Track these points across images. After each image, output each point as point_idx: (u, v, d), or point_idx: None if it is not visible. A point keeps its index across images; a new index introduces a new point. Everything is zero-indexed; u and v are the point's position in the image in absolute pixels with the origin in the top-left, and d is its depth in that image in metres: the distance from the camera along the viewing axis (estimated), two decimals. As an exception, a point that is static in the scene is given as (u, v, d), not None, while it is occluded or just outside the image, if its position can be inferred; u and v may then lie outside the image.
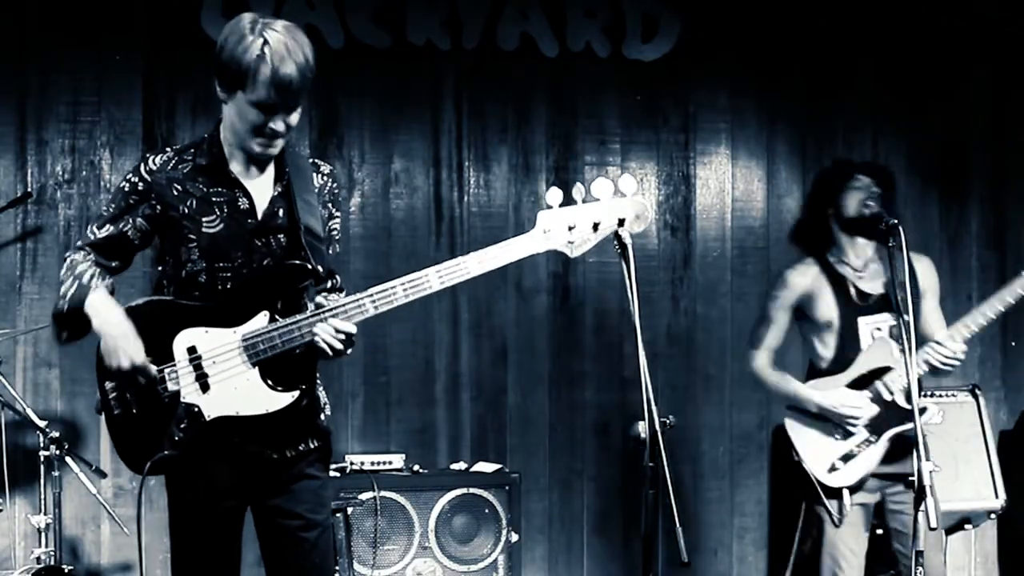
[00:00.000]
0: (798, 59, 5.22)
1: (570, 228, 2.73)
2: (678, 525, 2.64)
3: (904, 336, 3.43)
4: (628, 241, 2.74)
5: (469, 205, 5.02)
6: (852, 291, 3.89)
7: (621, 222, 2.72)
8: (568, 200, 2.75)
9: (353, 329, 2.76)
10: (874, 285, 3.89)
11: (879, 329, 3.86)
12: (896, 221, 3.58)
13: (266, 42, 2.67)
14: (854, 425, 3.77)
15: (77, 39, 4.72)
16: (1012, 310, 5.16)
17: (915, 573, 3.37)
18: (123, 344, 2.74)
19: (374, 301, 2.76)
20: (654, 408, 2.71)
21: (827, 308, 3.90)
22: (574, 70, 5.06)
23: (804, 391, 3.87)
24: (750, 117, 5.22)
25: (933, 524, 3.30)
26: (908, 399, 3.56)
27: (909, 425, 3.55)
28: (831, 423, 3.81)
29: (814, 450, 3.84)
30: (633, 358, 2.75)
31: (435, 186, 5.00)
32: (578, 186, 2.74)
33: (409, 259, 4.95)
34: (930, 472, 3.33)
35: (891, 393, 3.75)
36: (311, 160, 2.99)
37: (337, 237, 3.01)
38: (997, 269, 5.36)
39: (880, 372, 3.79)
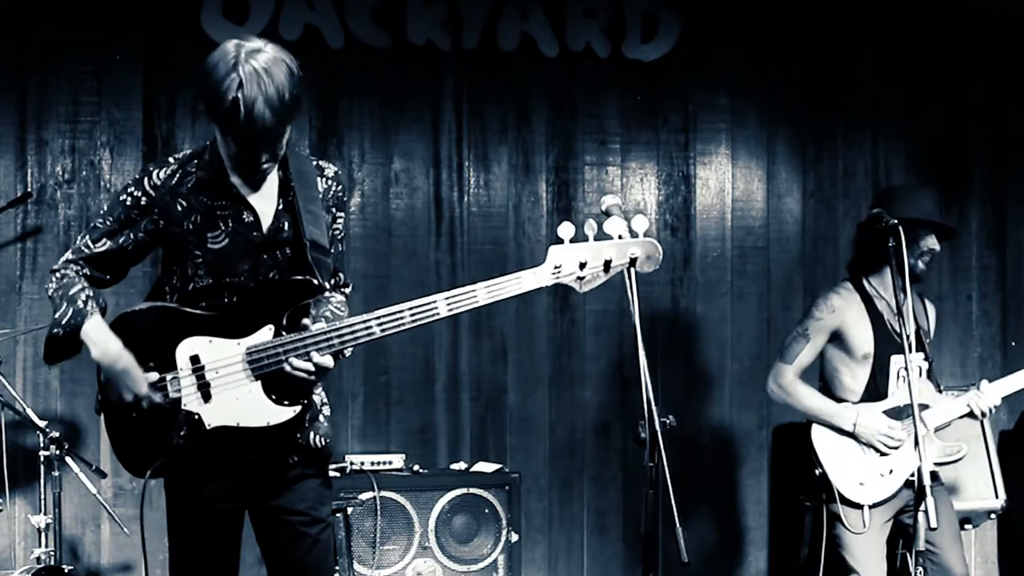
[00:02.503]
0: (798, 59, 5.22)
1: (582, 265, 2.72)
2: (678, 525, 2.64)
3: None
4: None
5: (469, 205, 5.02)
6: (889, 328, 3.96)
7: (633, 261, 2.73)
8: (579, 235, 2.73)
9: (328, 363, 2.74)
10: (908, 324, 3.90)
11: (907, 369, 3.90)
12: (896, 221, 3.58)
13: (241, 86, 2.58)
14: (887, 447, 3.86)
15: (77, 39, 4.72)
16: (1011, 308, 5.19)
17: (915, 573, 3.40)
18: (125, 379, 2.75)
19: (381, 324, 2.74)
20: (654, 408, 2.71)
21: (865, 341, 3.97)
22: (574, 70, 5.06)
23: (834, 408, 3.96)
24: (750, 117, 5.22)
25: (933, 524, 3.33)
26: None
27: (943, 460, 3.87)
28: (860, 441, 3.91)
29: (841, 464, 3.92)
30: (633, 358, 2.74)
31: (435, 186, 5.00)
32: (590, 222, 2.73)
33: (409, 259, 4.96)
34: (930, 473, 3.37)
35: (927, 428, 3.83)
36: (315, 163, 2.95)
37: (340, 236, 2.99)
38: (997, 269, 5.37)
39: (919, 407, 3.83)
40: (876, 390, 3.96)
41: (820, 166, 5.27)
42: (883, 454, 3.88)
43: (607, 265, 2.72)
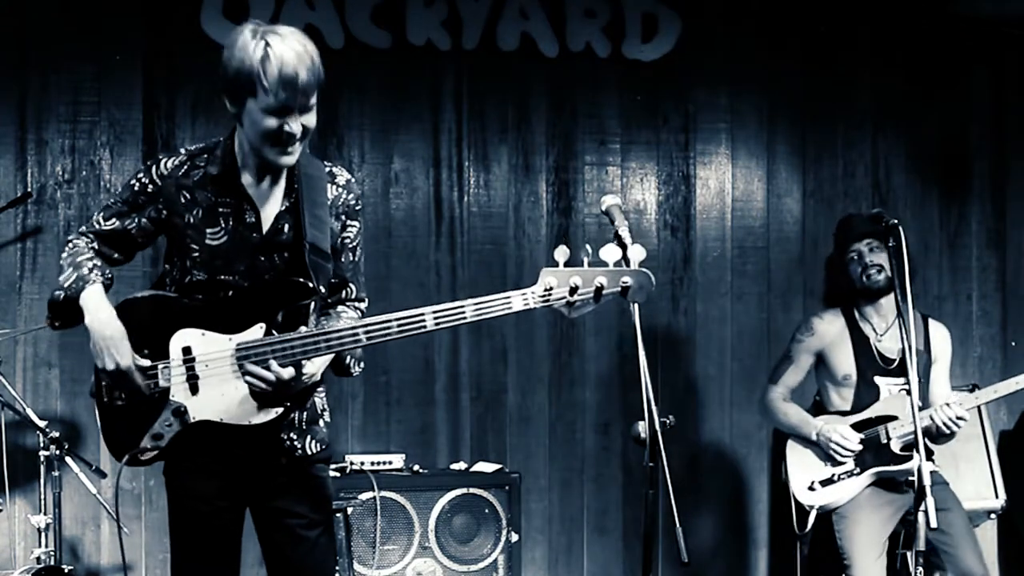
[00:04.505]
0: (798, 58, 5.22)
1: (573, 289, 2.66)
2: (678, 525, 2.64)
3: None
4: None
5: (469, 205, 5.02)
6: (874, 351, 4.16)
7: (625, 290, 2.67)
8: (574, 260, 2.68)
9: (284, 375, 2.69)
10: (894, 349, 4.15)
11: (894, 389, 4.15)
12: (896, 221, 3.61)
13: (268, 45, 2.63)
14: (839, 455, 4.06)
15: (77, 39, 4.72)
16: (1011, 308, 5.18)
17: (915, 573, 3.41)
18: (110, 346, 2.74)
19: (368, 333, 2.71)
20: (654, 408, 2.71)
21: (846, 362, 4.18)
22: (574, 70, 5.06)
23: (808, 418, 4.18)
24: (750, 117, 5.22)
25: (933, 524, 3.34)
26: (904, 447, 3.98)
27: (892, 468, 3.99)
28: (822, 450, 4.11)
29: (800, 469, 4.16)
30: (633, 358, 2.74)
31: (435, 186, 5.00)
32: (586, 247, 2.68)
33: (409, 259, 4.95)
34: (931, 472, 3.39)
35: (888, 438, 4.02)
36: (328, 169, 2.94)
37: (352, 246, 2.97)
38: (997, 269, 5.37)
39: (887, 419, 4.06)
40: (861, 410, 4.13)
41: (820, 166, 5.27)
42: (838, 462, 4.07)
43: (598, 292, 2.66)
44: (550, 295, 2.67)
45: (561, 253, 2.67)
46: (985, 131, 5.37)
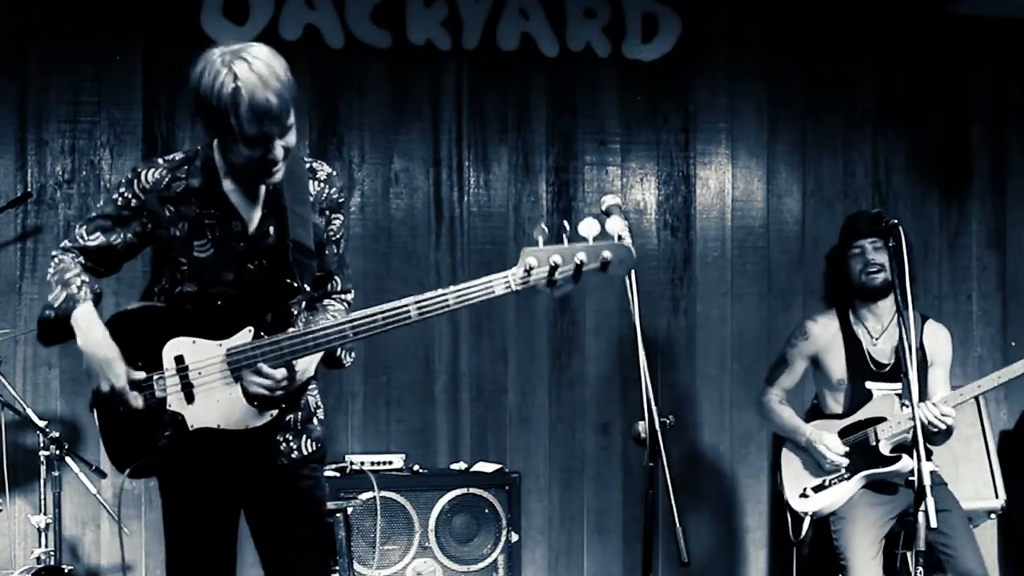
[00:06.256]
0: (798, 59, 5.22)
1: (553, 268, 2.60)
2: (678, 525, 2.64)
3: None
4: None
5: (469, 205, 5.02)
6: (867, 356, 4.13)
7: (605, 265, 2.60)
8: (554, 238, 2.63)
9: (278, 376, 2.69)
10: (888, 352, 4.13)
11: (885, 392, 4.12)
12: (896, 221, 3.61)
13: (237, 77, 2.57)
14: (825, 461, 4.05)
15: (77, 39, 4.71)
16: (1011, 308, 5.19)
17: (915, 573, 3.41)
18: (104, 367, 2.73)
19: (354, 328, 2.68)
20: (654, 408, 2.71)
21: (838, 367, 4.16)
22: (574, 70, 5.06)
23: (800, 424, 4.18)
24: (750, 117, 5.22)
25: (933, 524, 3.34)
26: (894, 449, 3.98)
27: (881, 470, 3.98)
28: (813, 456, 4.12)
29: (794, 476, 4.15)
30: (633, 358, 2.74)
31: (435, 186, 5.00)
32: (564, 224, 2.63)
33: (409, 259, 4.95)
34: (930, 472, 3.39)
35: (876, 440, 4.01)
36: (308, 165, 2.92)
37: (336, 238, 2.95)
38: (997, 269, 5.37)
39: (876, 421, 4.05)
40: (853, 412, 4.12)
41: (820, 166, 5.27)
42: (828, 471, 4.07)
43: (578, 269, 2.60)
44: (530, 275, 2.63)
45: (540, 232, 2.63)
46: (985, 131, 5.38)
